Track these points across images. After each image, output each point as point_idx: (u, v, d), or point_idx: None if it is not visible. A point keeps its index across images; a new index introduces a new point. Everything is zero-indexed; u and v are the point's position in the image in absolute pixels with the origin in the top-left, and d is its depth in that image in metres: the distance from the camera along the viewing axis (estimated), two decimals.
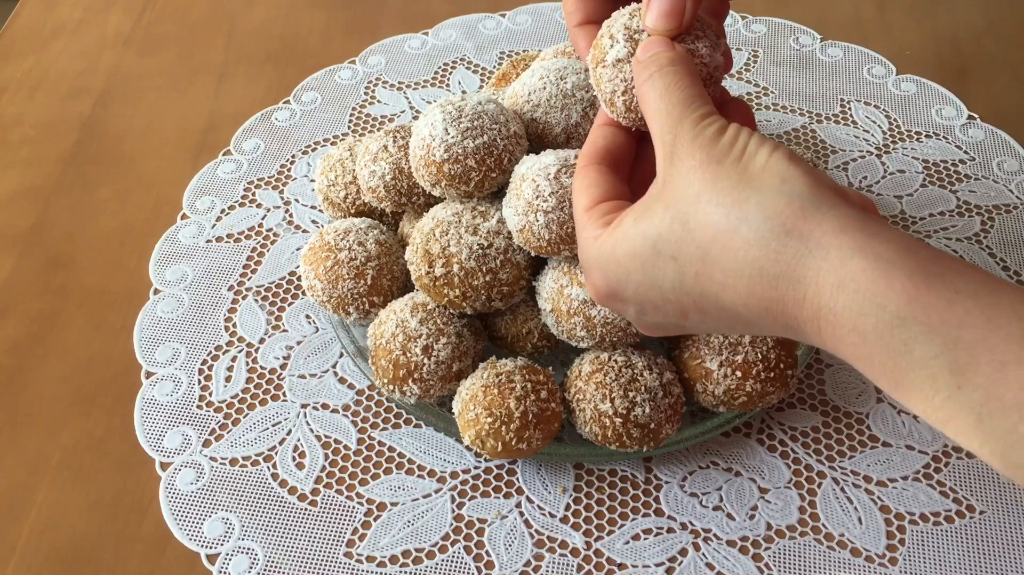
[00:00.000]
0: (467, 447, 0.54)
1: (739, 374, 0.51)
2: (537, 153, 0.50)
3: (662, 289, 0.36)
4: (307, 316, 0.62)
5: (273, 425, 0.57)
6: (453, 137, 0.50)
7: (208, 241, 0.67)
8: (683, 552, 0.51)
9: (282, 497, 0.54)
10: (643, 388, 0.50)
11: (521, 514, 0.53)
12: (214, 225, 0.68)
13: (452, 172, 0.50)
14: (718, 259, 0.34)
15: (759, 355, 0.51)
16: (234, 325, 0.62)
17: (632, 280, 0.37)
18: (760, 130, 0.72)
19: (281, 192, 0.71)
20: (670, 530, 0.52)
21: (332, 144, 0.74)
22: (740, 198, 0.33)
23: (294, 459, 0.55)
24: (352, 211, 0.60)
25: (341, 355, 0.60)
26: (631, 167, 0.43)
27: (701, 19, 0.42)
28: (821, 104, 0.76)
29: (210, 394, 0.58)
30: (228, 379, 0.59)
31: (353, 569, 0.51)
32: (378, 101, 0.78)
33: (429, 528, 0.52)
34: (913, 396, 0.30)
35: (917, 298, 0.29)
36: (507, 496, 0.54)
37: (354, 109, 0.77)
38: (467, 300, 0.51)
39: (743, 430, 0.56)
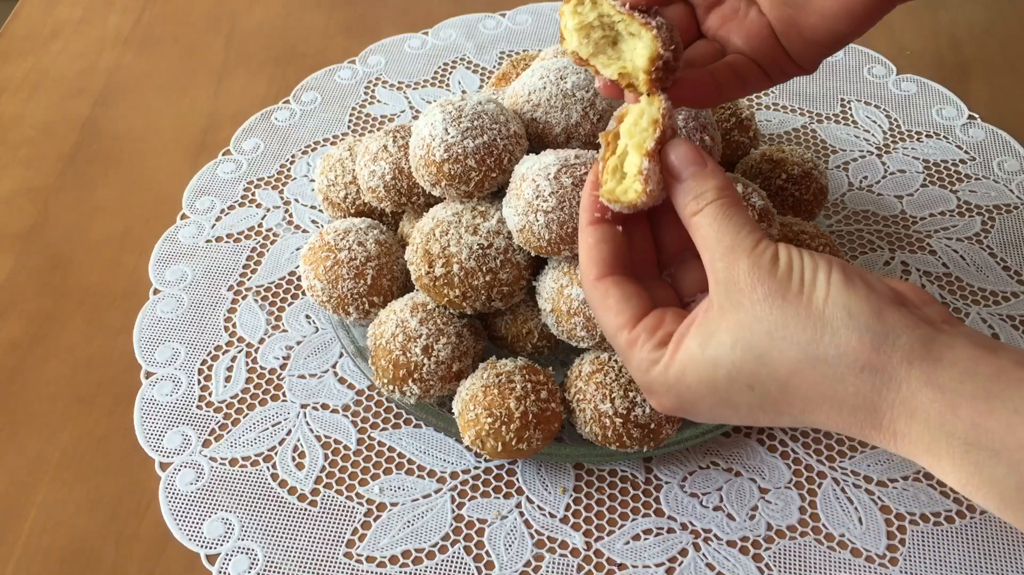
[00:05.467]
0: (467, 447, 0.54)
1: None
2: (537, 153, 0.50)
3: (738, 408, 0.38)
4: (307, 316, 0.62)
5: (273, 425, 0.57)
6: (453, 137, 0.50)
7: (208, 241, 0.67)
8: (683, 552, 0.51)
9: (282, 497, 0.54)
10: None
11: (521, 514, 0.53)
12: (214, 225, 0.68)
13: (452, 172, 0.50)
14: (797, 391, 0.36)
15: None
16: (234, 325, 0.62)
17: (706, 402, 0.39)
18: (760, 130, 0.72)
19: (281, 192, 0.70)
20: (670, 530, 0.52)
21: (332, 144, 0.74)
22: (814, 337, 0.35)
23: (294, 459, 0.55)
24: (352, 211, 0.59)
25: (341, 355, 0.60)
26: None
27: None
28: (821, 104, 0.76)
29: (210, 394, 0.58)
30: (228, 379, 0.59)
31: (353, 569, 0.51)
32: (378, 101, 0.78)
33: (429, 528, 0.52)
34: (988, 504, 0.33)
35: (980, 424, 0.32)
36: (507, 496, 0.54)
37: (354, 109, 0.77)
38: (467, 300, 0.51)
39: (743, 430, 0.56)
